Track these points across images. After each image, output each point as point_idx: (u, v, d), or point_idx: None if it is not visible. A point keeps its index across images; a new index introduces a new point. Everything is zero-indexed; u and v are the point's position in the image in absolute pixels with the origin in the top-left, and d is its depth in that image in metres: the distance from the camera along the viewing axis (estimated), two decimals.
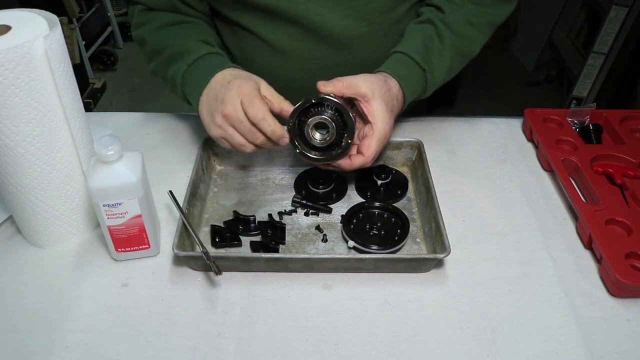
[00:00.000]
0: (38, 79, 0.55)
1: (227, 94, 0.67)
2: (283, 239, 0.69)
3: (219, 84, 0.69)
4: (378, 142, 0.69)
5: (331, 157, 0.71)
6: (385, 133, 0.70)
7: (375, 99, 0.69)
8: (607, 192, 0.73)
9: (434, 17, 0.79)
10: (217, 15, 0.86)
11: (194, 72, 0.73)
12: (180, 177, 0.77)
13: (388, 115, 0.70)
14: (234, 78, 0.69)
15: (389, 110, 0.70)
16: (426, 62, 0.76)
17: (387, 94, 0.71)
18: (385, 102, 0.70)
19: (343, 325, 0.59)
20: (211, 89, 0.70)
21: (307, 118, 0.69)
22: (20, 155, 0.58)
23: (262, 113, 0.65)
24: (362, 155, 0.69)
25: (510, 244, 0.69)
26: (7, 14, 0.58)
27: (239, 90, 0.66)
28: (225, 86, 0.68)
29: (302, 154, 0.71)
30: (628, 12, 2.09)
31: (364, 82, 0.69)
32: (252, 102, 0.65)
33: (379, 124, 0.69)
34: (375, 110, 0.69)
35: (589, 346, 0.57)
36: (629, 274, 0.60)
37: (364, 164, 0.70)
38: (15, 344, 0.56)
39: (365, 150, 0.69)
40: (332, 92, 0.68)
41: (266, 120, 0.65)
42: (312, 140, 0.70)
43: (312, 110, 0.68)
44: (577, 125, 0.87)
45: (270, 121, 0.65)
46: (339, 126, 0.68)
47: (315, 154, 0.71)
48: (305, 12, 0.77)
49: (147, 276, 0.64)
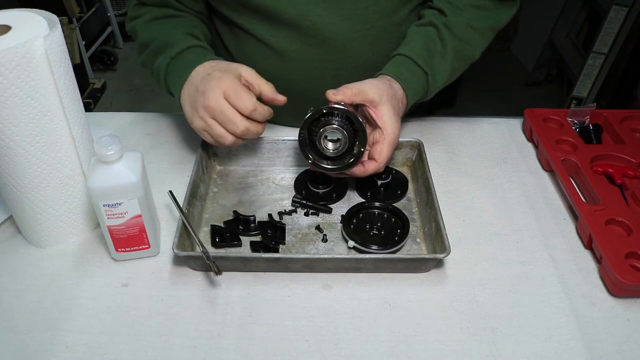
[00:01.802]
0: (38, 79, 0.55)
1: (207, 85, 0.68)
2: (283, 239, 0.69)
3: (200, 77, 0.70)
4: (389, 147, 0.69)
5: (344, 166, 0.70)
6: (395, 137, 0.70)
7: (383, 104, 0.69)
8: (607, 192, 0.73)
9: (436, 20, 0.79)
10: (217, 17, 0.86)
11: (176, 65, 0.75)
12: (180, 177, 0.77)
13: (396, 119, 0.70)
14: (214, 70, 0.70)
15: (396, 114, 0.71)
16: (428, 65, 0.76)
17: (394, 97, 0.71)
18: (392, 107, 0.70)
19: (343, 325, 0.59)
20: (192, 82, 0.71)
21: (317, 128, 0.69)
22: (20, 155, 0.58)
23: (251, 104, 0.66)
24: (375, 161, 0.69)
25: (510, 244, 0.69)
26: (7, 14, 0.58)
27: (218, 81, 0.67)
28: (206, 78, 0.69)
29: (315, 165, 0.71)
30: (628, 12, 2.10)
31: (371, 87, 0.69)
32: (239, 95, 0.66)
33: (388, 128, 0.69)
34: (384, 115, 0.69)
35: (589, 346, 0.57)
36: (629, 274, 0.60)
37: (377, 170, 0.70)
38: (15, 344, 0.56)
39: (378, 155, 0.69)
40: (342, 101, 0.67)
41: (256, 110, 0.67)
42: (324, 150, 0.70)
43: (321, 119, 0.68)
44: (577, 125, 0.87)
45: (260, 109, 0.67)
46: (350, 134, 0.68)
47: (328, 163, 0.71)
48: (306, 14, 0.77)
49: (147, 276, 0.64)
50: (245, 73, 0.70)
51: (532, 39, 2.90)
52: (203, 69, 0.71)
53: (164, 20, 0.81)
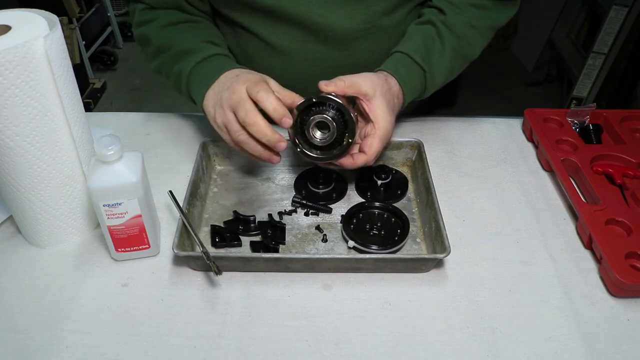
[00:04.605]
0: (38, 79, 0.55)
1: (234, 83, 0.68)
2: (283, 239, 0.68)
3: (228, 79, 0.71)
4: (380, 141, 0.69)
5: (331, 157, 0.71)
6: (387, 131, 0.70)
7: (376, 98, 0.69)
8: (607, 192, 0.73)
9: (435, 19, 0.79)
10: (218, 15, 0.86)
11: (202, 69, 0.74)
12: (180, 177, 0.77)
13: (389, 113, 0.70)
14: (243, 73, 0.71)
15: (390, 109, 0.70)
16: (426, 63, 0.76)
17: (388, 92, 0.71)
18: (386, 101, 0.70)
19: (343, 325, 0.59)
20: (220, 83, 0.71)
21: (308, 117, 0.69)
22: (20, 155, 0.58)
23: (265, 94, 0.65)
24: (365, 153, 0.69)
25: (510, 244, 0.69)
26: (7, 14, 0.58)
27: (246, 78, 0.68)
28: (234, 79, 0.69)
29: (303, 153, 0.71)
30: (628, 12, 2.10)
31: (365, 80, 0.69)
32: (258, 85, 0.66)
33: (381, 122, 0.69)
34: (377, 109, 0.69)
35: (589, 346, 0.57)
36: (629, 274, 0.60)
37: (366, 162, 0.70)
38: (15, 344, 0.56)
39: (368, 148, 0.69)
40: (334, 92, 0.68)
41: (269, 99, 0.65)
42: (312, 139, 0.70)
43: (313, 109, 0.69)
44: (577, 125, 0.87)
45: (273, 100, 0.65)
46: (340, 125, 0.68)
47: (316, 152, 0.71)
48: (307, 13, 0.77)
49: (147, 276, 0.64)
50: (273, 83, 0.70)
51: (532, 38, 2.90)
52: (232, 72, 0.72)
53: (181, 26, 0.80)
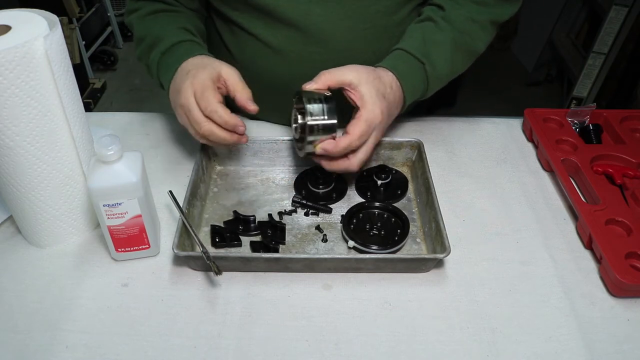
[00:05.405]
0: (38, 79, 0.55)
1: (183, 83, 0.68)
2: (283, 239, 0.68)
3: (180, 75, 0.71)
4: (366, 122, 0.67)
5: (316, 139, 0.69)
6: (374, 115, 0.68)
7: (362, 85, 0.68)
8: (607, 192, 0.73)
9: (434, 15, 0.79)
10: (217, 16, 0.86)
11: (166, 60, 0.75)
12: (180, 177, 0.77)
13: (379, 99, 0.69)
14: (193, 68, 0.70)
15: (380, 95, 0.69)
16: (424, 55, 0.75)
17: (377, 80, 0.70)
18: (375, 88, 0.69)
19: (343, 325, 0.59)
20: (175, 79, 0.72)
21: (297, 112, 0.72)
22: (20, 155, 0.58)
23: (211, 105, 0.66)
24: (348, 134, 0.68)
25: (510, 244, 0.69)
26: (7, 14, 0.58)
27: (192, 80, 0.68)
28: (184, 76, 0.70)
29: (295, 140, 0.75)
30: (628, 12, 2.10)
31: (350, 71, 0.69)
32: (203, 93, 0.66)
33: (368, 105, 0.68)
34: (364, 95, 0.68)
35: (589, 346, 0.57)
36: (629, 274, 0.60)
37: (349, 144, 0.67)
38: (15, 344, 0.56)
39: (352, 129, 0.67)
40: (315, 88, 0.69)
41: (216, 112, 0.66)
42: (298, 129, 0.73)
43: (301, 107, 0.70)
44: (577, 125, 0.87)
45: (220, 112, 0.66)
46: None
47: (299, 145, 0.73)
48: (306, 14, 0.77)
49: (147, 276, 0.64)
50: (225, 73, 0.69)
51: (532, 38, 2.90)
52: (186, 65, 0.72)
53: (160, 14, 0.82)
